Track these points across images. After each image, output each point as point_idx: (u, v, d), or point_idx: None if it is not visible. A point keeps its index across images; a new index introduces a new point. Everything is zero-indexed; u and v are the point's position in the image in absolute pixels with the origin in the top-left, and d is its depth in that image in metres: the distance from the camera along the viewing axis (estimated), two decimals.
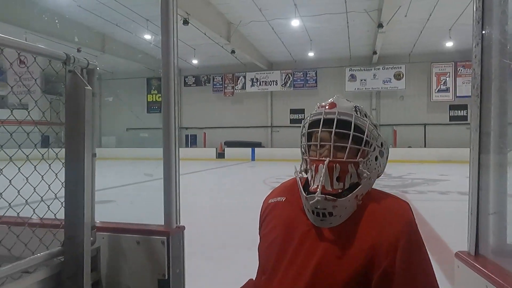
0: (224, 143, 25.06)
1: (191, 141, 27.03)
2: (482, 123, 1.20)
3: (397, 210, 1.07)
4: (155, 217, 1.67)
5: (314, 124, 1.10)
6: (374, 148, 1.10)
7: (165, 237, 1.54)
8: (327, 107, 1.09)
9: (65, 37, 17.46)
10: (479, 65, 1.20)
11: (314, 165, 1.06)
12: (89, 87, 1.37)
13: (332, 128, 1.04)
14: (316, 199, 1.02)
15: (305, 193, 1.07)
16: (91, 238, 1.55)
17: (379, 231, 1.03)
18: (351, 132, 1.04)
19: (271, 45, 20.61)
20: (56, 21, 15.14)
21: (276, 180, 11.60)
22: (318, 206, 1.03)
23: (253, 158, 23.33)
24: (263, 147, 24.65)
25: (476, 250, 1.21)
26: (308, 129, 1.12)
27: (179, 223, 1.60)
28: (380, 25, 14.93)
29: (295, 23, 16.32)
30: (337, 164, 1.04)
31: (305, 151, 1.13)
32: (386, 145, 1.16)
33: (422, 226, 5.49)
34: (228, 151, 24.34)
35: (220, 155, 24.43)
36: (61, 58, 1.37)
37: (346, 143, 1.04)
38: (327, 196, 1.02)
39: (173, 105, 1.58)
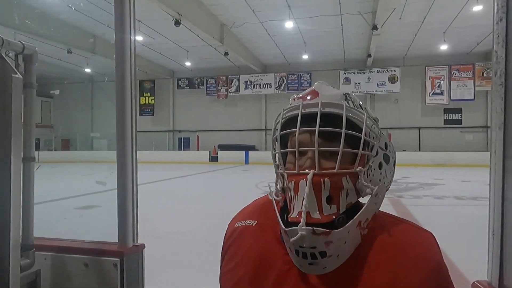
0: (218, 146, 24.77)
1: (184, 144, 26.72)
2: (508, 119, 0.94)
3: (419, 246, 0.76)
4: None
5: (289, 123, 0.80)
6: (377, 151, 0.79)
7: (118, 259, 1.27)
8: (307, 97, 0.79)
9: (54, 38, 17.14)
10: (503, 45, 0.95)
11: (293, 182, 0.73)
12: (18, 75, 1.10)
13: (315, 127, 0.73)
14: (299, 234, 0.69)
15: (283, 224, 0.74)
16: (28, 260, 1.28)
17: (393, 278, 0.73)
18: (343, 130, 0.73)
19: (265, 47, 20.42)
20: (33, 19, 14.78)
21: (269, 184, 11.32)
22: (304, 245, 0.70)
23: (246, 162, 23.06)
24: (257, 150, 24.39)
25: (500, 280, 0.96)
26: (281, 131, 0.80)
27: (137, 241, 1.33)
28: (375, 27, 14.78)
29: (289, 25, 16.13)
30: (326, 179, 0.72)
31: (280, 163, 0.79)
32: (392, 147, 0.85)
33: None
34: (221, 154, 24.05)
35: (214, 158, 24.13)
36: None
37: (337, 147, 0.73)
38: (315, 228, 0.69)
39: (130, 104, 1.32)
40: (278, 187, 0.80)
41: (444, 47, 19.18)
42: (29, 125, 1.26)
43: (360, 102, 0.84)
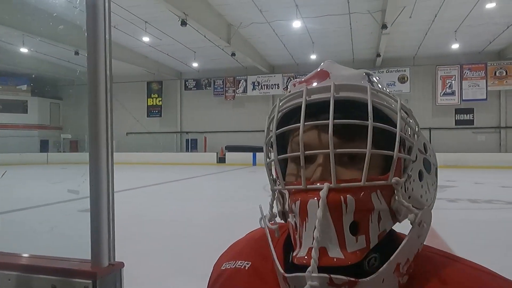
0: (225, 147, 24.62)
1: (192, 146, 26.63)
2: None
3: None
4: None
5: (288, 118, 0.58)
6: (416, 155, 0.55)
7: (91, 281, 1.08)
8: (313, 81, 0.56)
9: (63, 40, 17.16)
10: None
11: (298, 202, 0.51)
12: None
13: (327, 119, 0.50)
14: (307, 285, 0.46)
15: (284, 267, 0.53)
16: None
17: None
18: (370, 122, 0.50)
19: (272, 47, 20.22)
20: (51, 23, 14.78)
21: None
22: None
23: (254, 163, 22.86)
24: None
25: None
26: (277, 129, 0.57)
27: (113, 259, 1.14)
28: (384, 26, 14.49)
29: (297, 24, 15.92)
30: (349, 196, 0.49)
31: (277, 176, 0.57)
32: (432, 149, 0.62)
33: (433, 239, 5.02)
34: (229, 155, 23.89)
35: (221, 159, 23.99)
36: None
37: (359, 147, 0.51)
38: (334, 276, 0.46)
39: (104, 104, 1.13)
40: (275, 210, 0.58)
41: (455, 46, 18.78)
42: None
43: (385, 87, 0.60)
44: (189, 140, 26.74)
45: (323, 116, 0.52)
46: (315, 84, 0.56)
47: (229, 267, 0.67)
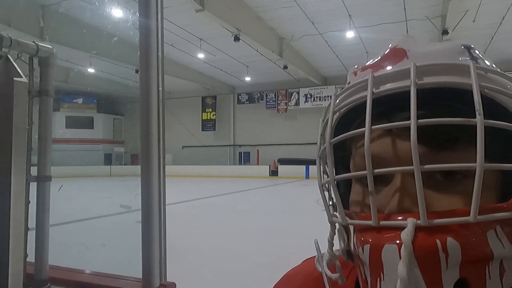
0: (278, 160, 24.55)
1: (244, 159, 26.89)
2: None
3: None
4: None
5: (349, 119, 0.42)
6: None
7: None
8: (384, 64, 0.40)
9: (124, 59, 18.29)
10: None
11: (368, 247, 0.35)
12: (22, 78, 0.93)
13: (406, 119, 0.33)
14: None
15: None
16: None
17: None
18: (480, 120, 0.31)
19: (325, 59, 19.99)
20: (113, 44, 15.82)
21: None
22: None
23: (307, 176, 22.51)
24: None
25: None
26: (334, 135, 0.40)
27: (165, 279, 1.09)
28: (445, 32, 13.74)
29: (350, 34, 15.60)
30: (450, 238, 0.31)
31: (336, 203, 0.40)
32: None
33: None
34: (281, 168, 23.77)
35: (273, 172, 23.93)
36: None
37: (459, 160, 0.34)
38: None
39: (157, 117, 1.10)
40: (337, 247, 0.42)
41: None
42: (44, 139, 1.08)
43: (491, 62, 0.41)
44: (242, 153, 27.06)
45: (400, 116, 0.36)
46: (386, 68, 0.39)
47: None
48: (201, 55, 18.93)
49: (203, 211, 9.82)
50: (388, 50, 0.42)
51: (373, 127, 0.35)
